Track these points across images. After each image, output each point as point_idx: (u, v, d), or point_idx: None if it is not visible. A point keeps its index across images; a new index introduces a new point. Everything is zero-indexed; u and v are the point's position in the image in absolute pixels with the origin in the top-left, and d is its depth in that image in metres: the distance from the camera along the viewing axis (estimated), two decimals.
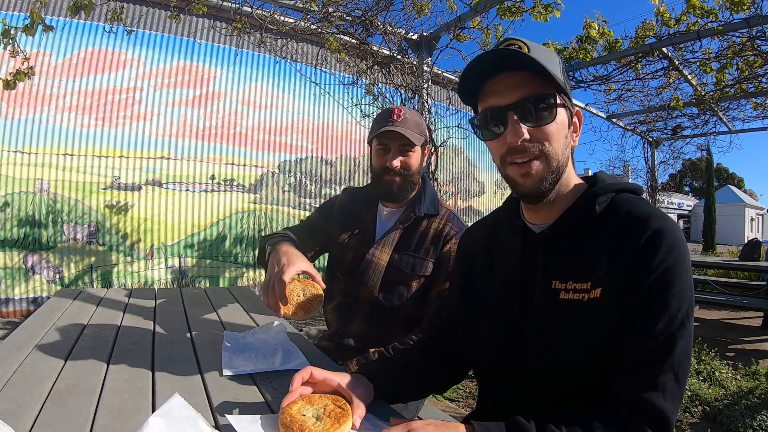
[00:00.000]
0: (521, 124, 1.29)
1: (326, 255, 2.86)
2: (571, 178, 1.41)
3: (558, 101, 1.30)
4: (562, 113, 1.32)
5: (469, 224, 1.88)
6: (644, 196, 1.42)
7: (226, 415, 1.35)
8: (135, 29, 7.26)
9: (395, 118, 2.46)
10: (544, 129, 1.30)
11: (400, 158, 2.49)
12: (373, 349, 2.34)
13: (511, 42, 1.32)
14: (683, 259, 1.20)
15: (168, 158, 9.21)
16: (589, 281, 1.26)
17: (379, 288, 2.49)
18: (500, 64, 1.31)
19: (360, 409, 1.38)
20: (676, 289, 1.17)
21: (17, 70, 4.94)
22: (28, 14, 4.62)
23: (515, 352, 1.39)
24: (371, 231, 2.64)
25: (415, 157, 2.54)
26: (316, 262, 2.74)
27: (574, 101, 1.44)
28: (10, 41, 4.80)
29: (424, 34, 6.30)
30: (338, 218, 2.80)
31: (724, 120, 11.26)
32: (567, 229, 1.35)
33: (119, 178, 8.73)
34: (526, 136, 1.29)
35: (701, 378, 5.35)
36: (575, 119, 1.39)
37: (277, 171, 10.44)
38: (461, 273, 1.70)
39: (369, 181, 2.77)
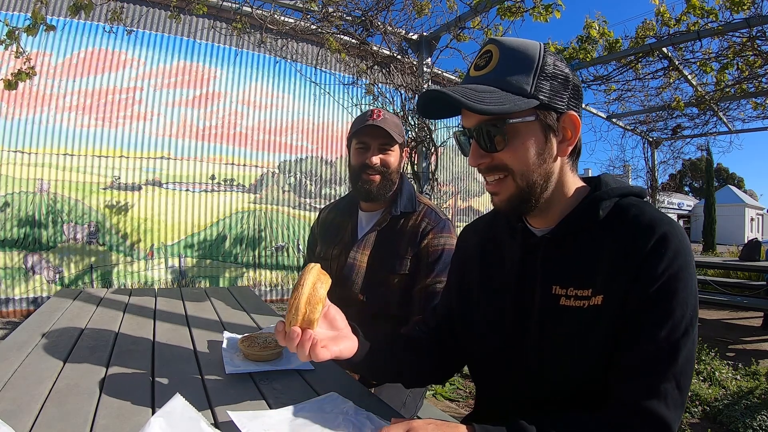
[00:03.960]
0: (479, 149, 1.31)
1: None
2: (569, 184, 1.37)
3: (519, 120, 1.25)
4: (527, 131, 1.27)
5: (458, 221, 1.87)
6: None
7: (228, 411, 1.35)
8: (135, 29, 7.26)
9: (375, 117, 2.48)
10: (502, 153, 1.29)
11: (380, 156, 2.51)
12: None
13: (487, 49, 1.31)
14: (688, 265, 1.19)
15: (168, 158, 9.20)
16: (590, 288, 1.24)
17: (361, 290, 2.51)
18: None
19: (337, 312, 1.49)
20: (680, 297, 1.16)
21: (19, 70, 4.94)
22: (30, 14, 4.63)
23: (512, 355, 1.38)
24: (353, 238, 2.66)
25: (394, 156, 2.56)
26: None
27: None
28: (13, 42, 4.81)
29: (424, 34, 6.30)
30: (321, 237, 2.85)
31: (724, 120, 11.27)
32: (569, 233, 1.33)
33: (119, 178, 8.73)
34: (482, 161, 1.32)
35: (701, 378, 5.35)
36: (565, 126, 1.31)
37: (277, 171, 10.43)
38: (457, 273, 1.69)
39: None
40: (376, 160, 2.49)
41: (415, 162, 6.30)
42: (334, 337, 1.43)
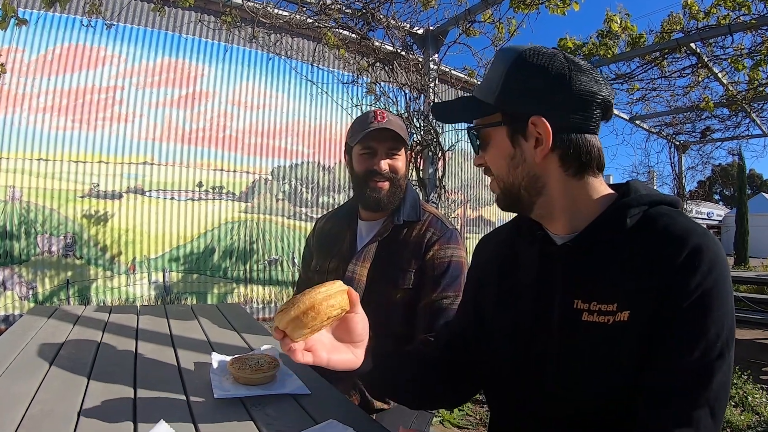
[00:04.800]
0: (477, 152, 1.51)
1: None
2: (576, 190, 1.37)
3: (485, 127, 1.43)
4: (494, 137, 1.41)
5: (468, 232, 1.90)
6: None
7: None
8: (115, 23, 7.28)
9: (380, 119, 2.47)
10: (484, 155, 1.47)
11: (388, 161, 2.51)
12: None
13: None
14: (724, 280, 1.17)
15: (151, 164, 9.21)
16: (616, 302, 1.23)
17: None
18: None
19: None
20: (715, 315, 1.14)
21: None
22: (0, 6, 4.63)
23: (530, 372, 1.37)
24: (351, 250, 2.65)
25: (401, 161, 2.57)
26: None
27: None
28: None
29: (431, 28, 6.32)
30: (317, 249, 2.85)
31: (758, 122, 11.26)
32: (592, 242, 1.32)
33: (98, 186, 8.73)
34: (479, 161, 1.50)
35: (732, 403, 5.33)
36: (536, 130, 1.33)
37: (270, 177, 10.44)
38: (473, 286, 1.70)
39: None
40: (384, 165, 2.48)
41: (421, 168, 6.30)
42: (333, 346, 1.46)
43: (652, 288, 1.19)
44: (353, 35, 6.13)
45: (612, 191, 1.41)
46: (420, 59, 6.36)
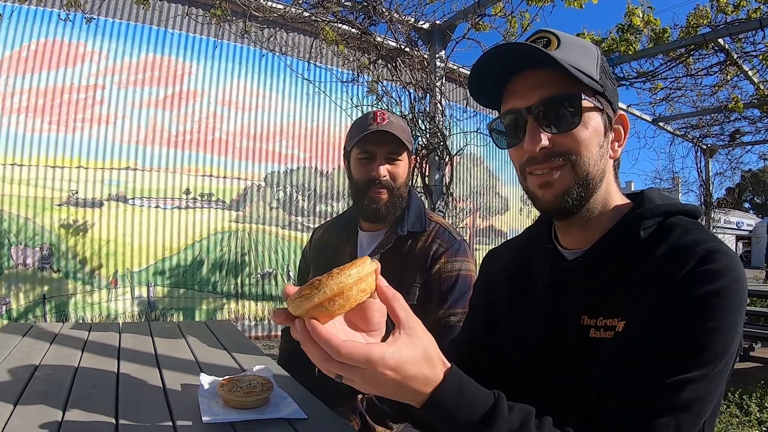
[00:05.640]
0: (541, 130, 1.30)
1: None
2: (612, 196, 1.40)
3: (588, 103, 1.30)
4: (594, 117, 1.32)
5: (477, 243, 1.88)
6: None
7: None
8: (95, 17, 7.28)
9: (379, 121, 2.46)
10: (568, 135, 1.30)
11: (388, 167, 2.49)
12: (362, 395, 2.34)
13: (541, 35, 1.35)
14: (731, 291, 1.16)
15: (134, 169, 9.20)
16: (619, 316, 1.25)
17: None
18: (521, 60, 1.31)
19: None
20: (710, 325, 1.13)
21: None
22: None
23: (543, 391, 1.37)
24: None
25: (402, 167, 2.55)
26: None
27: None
28: None
29: (437, 22, 6.32)
30: (314, 262, 2.85)
31: None
32: (604, 256, 1.34)
33: (77, 193, 8.71)
34: (545, 143, 1.30)
35: (763, 429, 5.31)
36: (617, 126, 1.39)
37: (263, 184, 10.43)
38: (481, 299, 1.70)
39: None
40: (383, 171, 2.47)
41: (426, 174, 6.29)
42: (347, 335, 1.40)
43: (653, 298, 1.19)
44: (353, 30, 6.12)
45: (627, 201, 1.43)
46: (425, 56, 6.35)
